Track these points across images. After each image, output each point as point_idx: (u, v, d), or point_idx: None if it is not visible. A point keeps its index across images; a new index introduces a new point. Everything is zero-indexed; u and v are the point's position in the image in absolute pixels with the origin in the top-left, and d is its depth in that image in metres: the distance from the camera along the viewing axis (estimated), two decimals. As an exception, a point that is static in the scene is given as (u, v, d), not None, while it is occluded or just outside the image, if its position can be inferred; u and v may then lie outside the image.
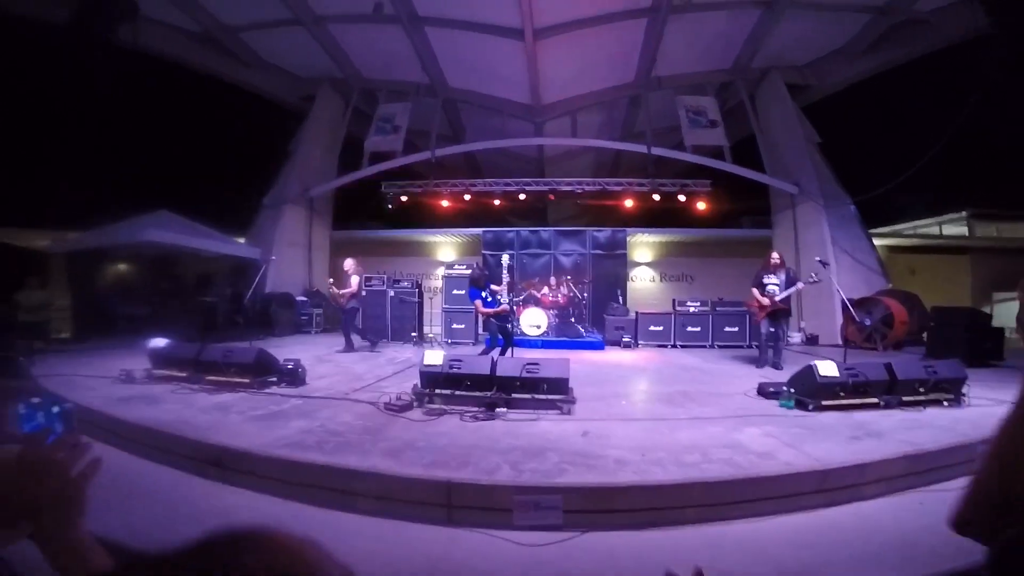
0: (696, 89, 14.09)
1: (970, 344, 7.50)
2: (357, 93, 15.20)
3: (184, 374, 5.69)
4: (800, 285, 7.30)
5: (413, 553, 2.71)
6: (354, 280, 8.99)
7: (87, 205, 11.48)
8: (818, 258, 7.40)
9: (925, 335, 10.42)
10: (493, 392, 4.86)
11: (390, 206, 14.41)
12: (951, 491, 3.26)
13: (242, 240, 13.93)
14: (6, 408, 0.81)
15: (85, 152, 11.93)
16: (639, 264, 16.62)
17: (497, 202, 14.71)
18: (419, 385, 5.10)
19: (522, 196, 14.57)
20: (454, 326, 11.35)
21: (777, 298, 7.23)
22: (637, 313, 11.66)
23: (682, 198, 13.70)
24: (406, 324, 11.43)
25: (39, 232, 12.37)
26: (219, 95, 14.28)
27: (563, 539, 2.79)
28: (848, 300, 6.81)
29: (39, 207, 12.12)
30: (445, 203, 14.49)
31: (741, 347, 10.72)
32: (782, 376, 6.26)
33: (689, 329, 11.14)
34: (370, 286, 11.61)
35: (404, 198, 14.35)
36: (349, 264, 9.29)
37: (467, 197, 14.41)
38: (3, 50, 9.36)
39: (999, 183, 16.98)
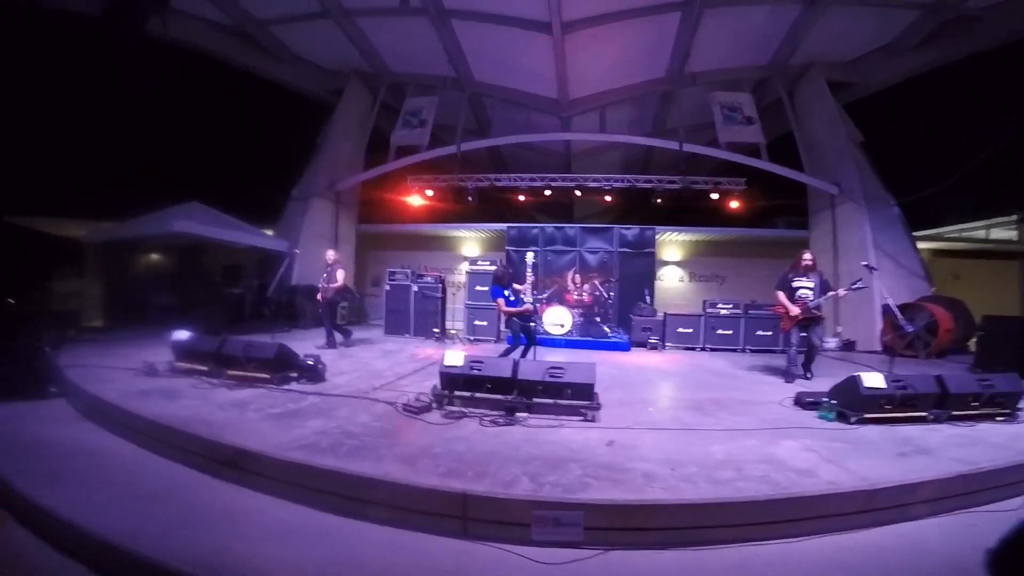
0: (731, 85, 13.65)
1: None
2: (385, 87, 15.16)
3: (205, 368, 5.67)
4: (842, 292, 6.54)
5: (425, 566, 2.59)
6: (340, 274, 8.55)
7: (121, 196, 11.67)
8: (864, 262, 6.78)
9: (972, 344, 9.91)
10: (514, 396, 4.70)
11: (416, 199, 14.36)
12: (1004, 512, 3.03)
13: (270, 232, 14.04)
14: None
15: (119, 143, 12.12)
16: (668, 263, 16.27)
17: (522, 197, 14.50)
18: (439, 386, 4.98)
19: (547, 192, 14.34)
20: (476, 323, 11.26)
21: (811, 304, 6.41)
22: (665, 314, 11.32)
23: (715, 196, 13.31)
24: (429, 320, 11.33)
25: (74, 221, 12.63)
26: (249, 88, 14.36)
27: (584, 557, 2.64)
28: (893, 305, 6.29)
29: (74, 197, 12.37)
30: (470, 198, 14.35)
31: (774, 352, 10.28)
32: (817, 384, 5.94)
33: (720, 332, 10.75)
34: (394, 281, 11.59)
35: (430, 192, 14.28)
36: (333, 256, 8.80)
37: (492, 192, 14.24)
38: (38, 43, 9.52)
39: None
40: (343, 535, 2.82)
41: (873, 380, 4.32)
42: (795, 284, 6.56)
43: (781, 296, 6.65)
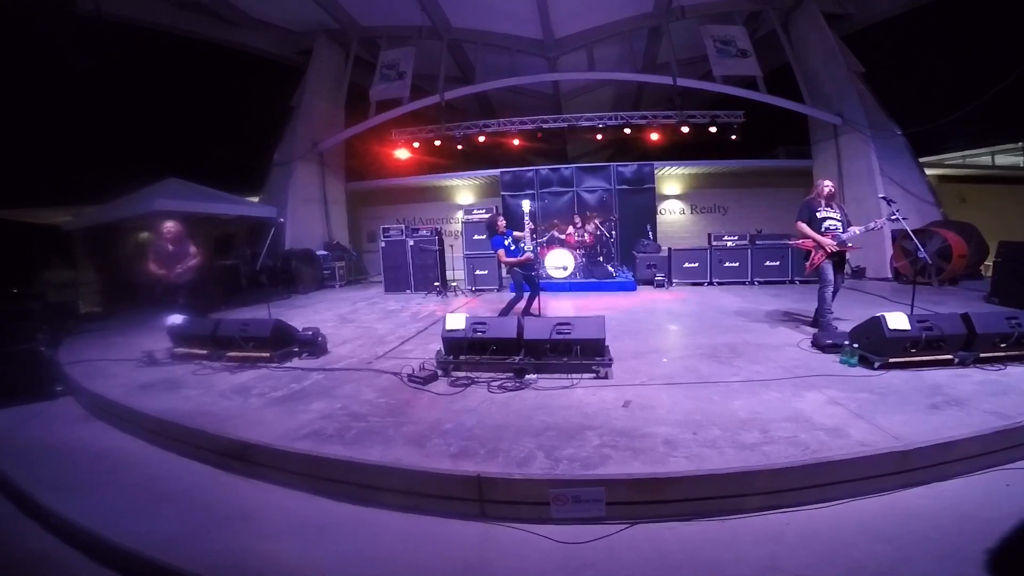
0: (722, 18, 12.98)
1: (1043, 284, 6.64)
2: (356, 42, 14.42)
3: (204, 351, 5.52)
4: (881, 222, 5.68)
5: (447, 554, 2.51)
6: (192, 249, 6.94)
7: (99, 179, 11.32)
8: (882, 195, 6.32)
9: (983, 270, 9.72)
10: (521, 357, 4.56)
11: (403, 153, 13.89)
12: None
13: (256, 199, 13.67)
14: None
15: (88, 127, 11.64)
16: (668, 197, 15.94)
17: (516, 142, 14.00)
18: (442, 352, 4.83)
19: (539, 135, 13.84)
20: (477, 272, 11.18)
21: (845, 237, 5.65)
22: (670, 250, 11.10)
23: (713, 130, 12.84)
24: (428, 273, 11.17)
25: (54, 209, 12.31)
26: (214, 58, 13.80)
27: (607, 534, 2.56)
28: (911, 232, 5.91)
29: (50, 184, 12.02)
30: (459, 146, 13.88)
31: (783, 283, 10.19)
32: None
33: (727, 265, 10.59)
34: (389, 237, 11.33)
35: (417, 144, 13.79)
36: (174, 227, 6.97)
37: (481, 139, 13.73)
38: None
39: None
40: (360, 525, 2.75)
41: (897, 321, 4.11)
42: (820, 215, 5.78)
43: (807, 228, 5.80)
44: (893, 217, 5.45)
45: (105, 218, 10.27)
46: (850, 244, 5.74)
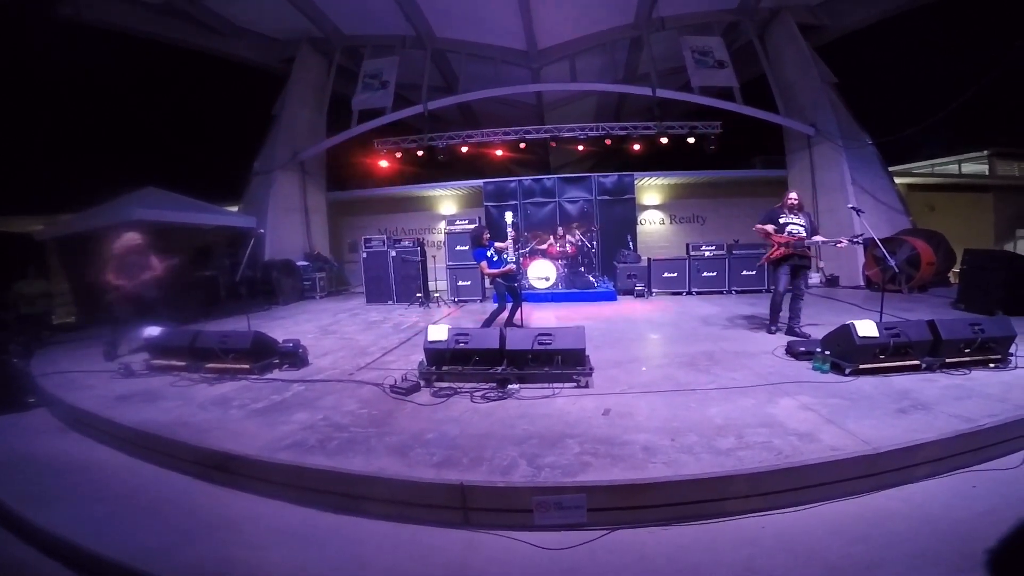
0: (701, 29, 13.28)
1: (1007, 291, 6.77)
2: (339, 51, 14.46)
3: (183, 363, 5.45)
4: (844, 242, 6.25)
5: (431, 561, 2.53)
6: (155, 262, 6.44)
7: (76, 187, 11.12)
8: (851, 205, 6.54)
9: (951, 277, 10.03)
10: (504, 367, 4.59)
11: (385, 163, 13.90)
12: (1004, 470, 3.00)
13: (236, 209, 13.53)
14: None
15: (65, 134, 11.45)
16: (648, 207, 16.15)
17: (499, 152, 14.12)
18: (425, 363, 4.84)
19: (522, 145, 13.98)
20: (460, 283, 11.17)
21: (808, 243, 6.03)
22: (650, 260, 11.27)
23: (691, 140, 13.09)
24: (411, 285, 11.14)
25: (28, 218, 12.05)
26: (195, 65, 13.72)
27: (589, 540, 2.59)
28: (879, 241, 6.16)
29: (25, 192, 11.76)
30: (442, 156, 13.93)
31: (760, 292, 10.38)
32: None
33: (705, 275, 10.79)
34: (370, 248, 11.30)
35: (399, 154, 13.81)
36: (135, 240, 6.58)
37: (464, 149, 13.82)
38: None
39: (1021, 122, 16.22)
40: (344, 535, 2.76)
41: (867, 328, 4.25)
42: (783, 220, 6.13)
43: (762, 227, 6.23)
44: (856, 240, 5.92)
45: (79, 227, 10.08)
46: (808, 246, 6.06)
